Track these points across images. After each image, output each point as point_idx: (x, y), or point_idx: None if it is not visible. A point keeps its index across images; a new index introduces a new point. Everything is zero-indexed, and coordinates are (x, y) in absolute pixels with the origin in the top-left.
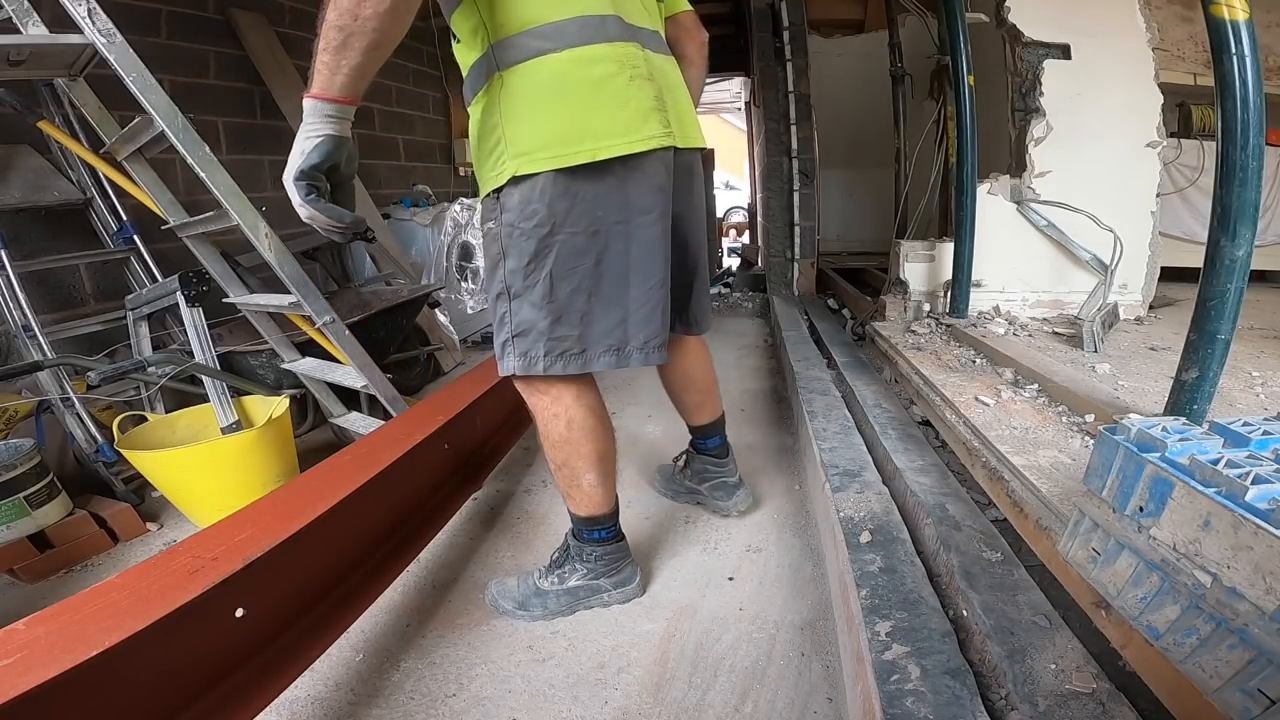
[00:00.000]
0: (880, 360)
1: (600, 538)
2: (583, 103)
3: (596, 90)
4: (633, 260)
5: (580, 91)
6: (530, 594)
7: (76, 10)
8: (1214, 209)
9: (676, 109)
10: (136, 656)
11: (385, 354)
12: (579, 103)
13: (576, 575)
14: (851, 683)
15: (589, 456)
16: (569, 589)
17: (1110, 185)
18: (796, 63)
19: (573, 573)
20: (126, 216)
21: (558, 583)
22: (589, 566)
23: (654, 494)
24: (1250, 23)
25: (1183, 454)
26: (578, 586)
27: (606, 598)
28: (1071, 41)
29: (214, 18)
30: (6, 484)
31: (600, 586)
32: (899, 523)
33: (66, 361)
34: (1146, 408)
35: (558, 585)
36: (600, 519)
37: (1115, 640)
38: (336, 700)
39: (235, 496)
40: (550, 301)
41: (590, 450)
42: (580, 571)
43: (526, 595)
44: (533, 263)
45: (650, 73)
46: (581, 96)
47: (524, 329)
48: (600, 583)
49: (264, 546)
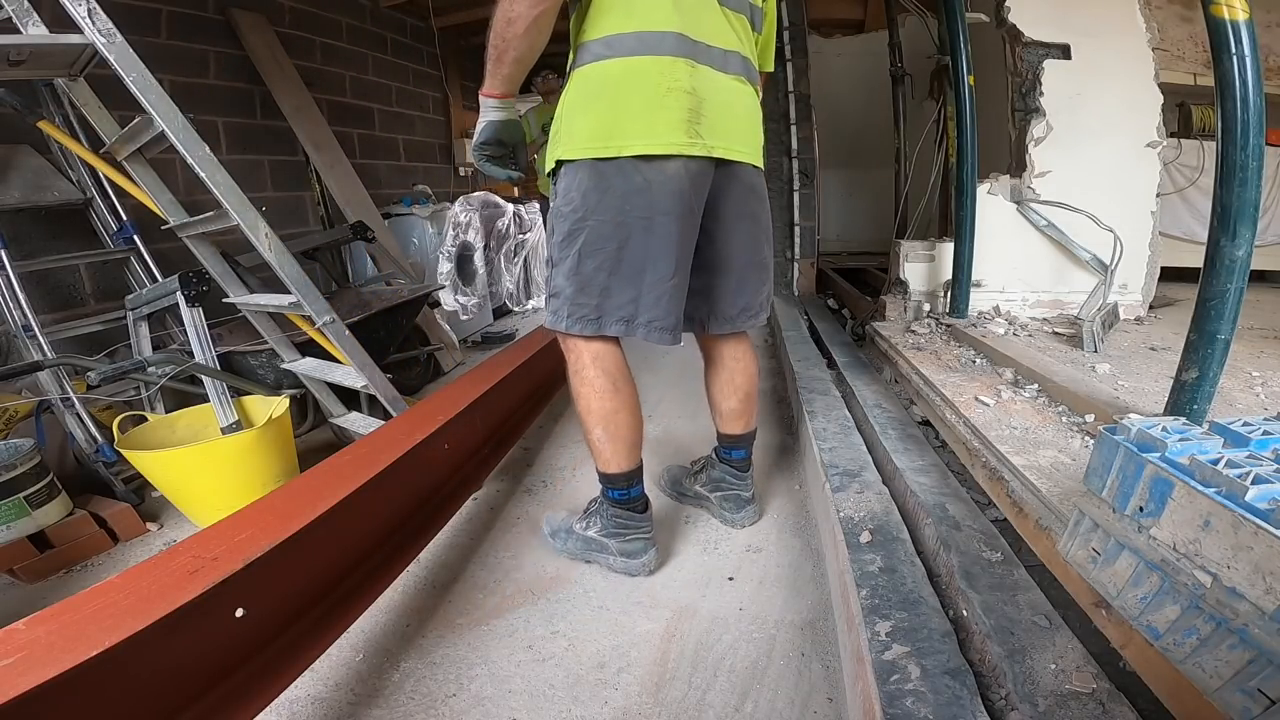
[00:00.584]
0: (880, 360)
1: (612, 497)
2: (620, 106)
3: (633, 96)
4: (650, 252)
5: (619, 96)
6: (564, 529)
7: (76, 10)
8: (1214, 209)
9: (716, 124)
10: (136, 656)
11: (385, 354)
12: (617, 105)
13: (594, 528)
14: (851, 683)
15: (596, 412)
16: (585, 537)
17: (1110, 185)
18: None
19: (593, 524)
20: (126, 216)
21: (582, 528)
22: (603, 523)
23: (655, 498)
24: (1250, 23)
25: (1183, 454)
26: (591, 538)
27: (611, 560)
28: (1071, 41)
29: (214, 18)
30: (6, 484)
31: (607, 546)
32: (899, 523)
33: (66, 361)
34: (1146, 408)
35: (580, 530)
36: (610, 478)
37: (1115, 640)
38: (336, 700)
39: (235, 496)
40: (577, 274)
41: (597, 407)
42: (596, 525)
43: (561, 529)
44: (567, 240)
45: (693, 87)
46: (619, 100)
47: (556, 292)
48: (608, 543)
49: (264, 546)
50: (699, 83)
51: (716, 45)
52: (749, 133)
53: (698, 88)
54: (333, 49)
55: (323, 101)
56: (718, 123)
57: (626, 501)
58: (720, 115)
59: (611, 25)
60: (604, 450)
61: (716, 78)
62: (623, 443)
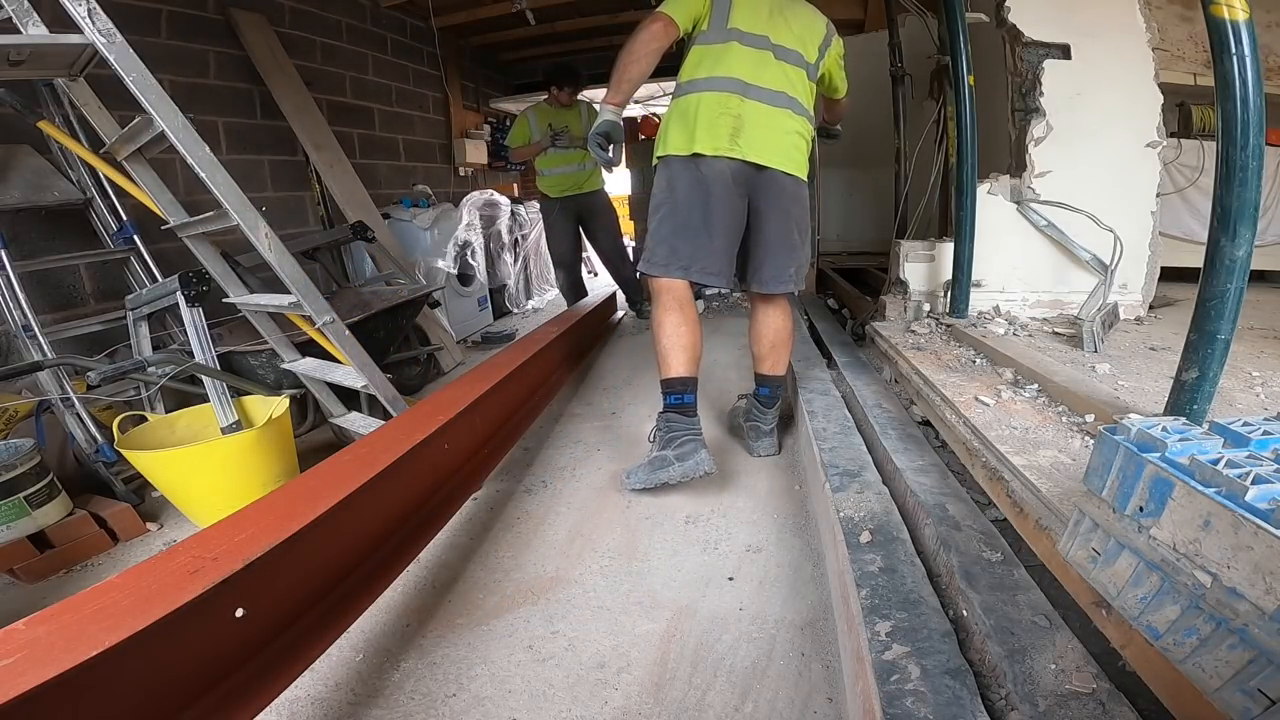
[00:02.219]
0: (880, 360)
1: (669, 402)
2: (692, 123)
3: (700, 117)
4: (702, 223)
5: (690, 117)
6: (633, 469)
7: (76, 10)
8: (1214, 209)
9: (755, 138)
10: (137, 656)
11: (385, 354)
12: (689, 123)
13: (655, 445)
14: (851, 683)
15: (663, 325)
16: (649, 461)
17: (1110, 185)
18: None
19: (655, 442)
20: (126, 216)
21: (646, 456)
22: (660, 432)
23: (654, 499)
24: (1250, 23)
25: (1183, 454)
26: (654, 459)
27: (672, 470)
28: (1071, 41)
29: (214, 18)
30: (6, 484)
31: (666, 458)
32: (899, 523)
33: (66, 361)
34: (1146, 408)
35: (645, 459)
36: (669, 382)
37: (1115, 640)
38: (336, 700)
39: (235, 496)
40: (656, 235)
41: (665, 320)
42: (657, 441)
43: (632, 470)
44: (653, 212)
45: (740, 113)
46: (690, 120)
47: (647, 245)
48: (667, 454)
49: (264, 546)
50: (745, 110)
51: (768, 87)
52: (782, 147)
53: (743, 114)
54: (333, 49)
55: (323, 101)
56: (755, 138)
57: (680, 406)
58: (758, 132)
59: (697, 73)
60: (667, 356)
61: (761, 108)
62: (682, 350)
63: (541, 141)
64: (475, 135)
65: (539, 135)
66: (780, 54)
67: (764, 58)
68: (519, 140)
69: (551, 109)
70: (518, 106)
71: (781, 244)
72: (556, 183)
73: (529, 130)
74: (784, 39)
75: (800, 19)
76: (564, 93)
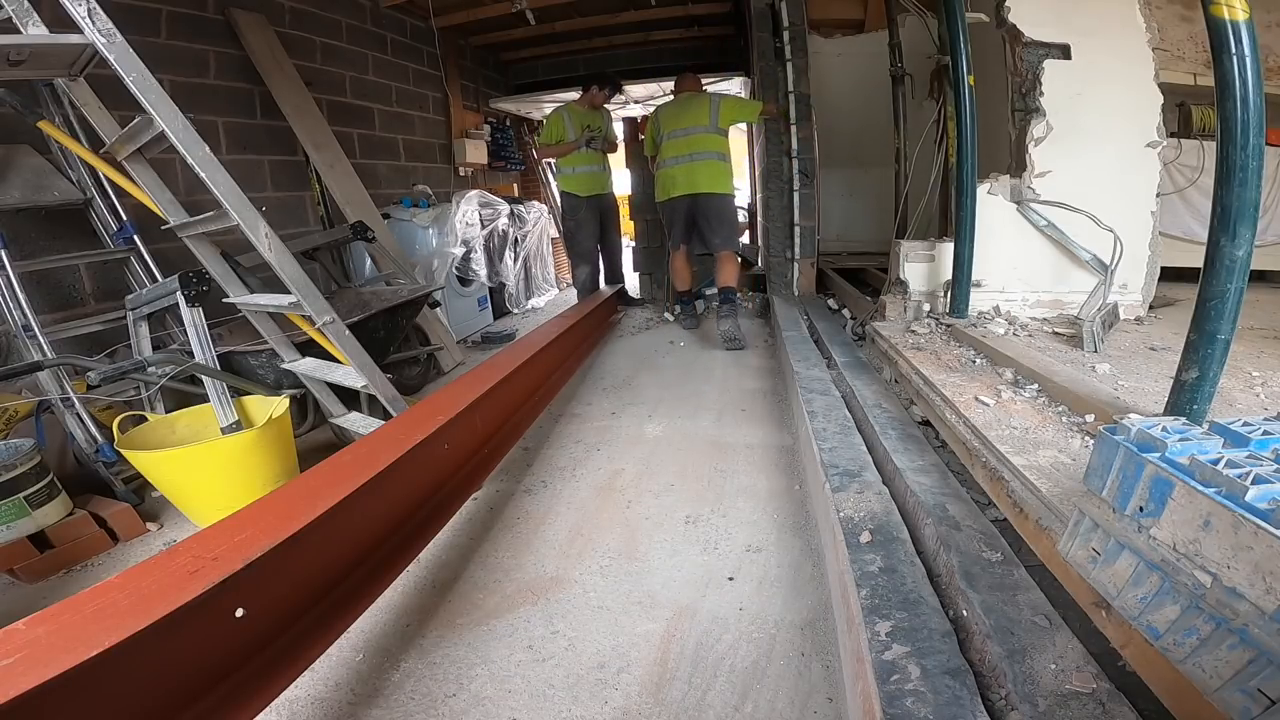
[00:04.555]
0: (880, 360)
1: (680, 304)
2: (664, 184)
3: (667, 180)
4: (676, 224)
5: (664, 181)
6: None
7: (76, 10)
8: (1214, 209)
9: (698, 181)
10: (137, 656)
11: (385, 354)
12: (664, 184)
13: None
14: (851, 683)
15: (674, 269)
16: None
17: (1110, 185)
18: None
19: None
20: (126, 216)
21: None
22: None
23: (654, 499)
24: (1250, 23)
25: (1183, 454)
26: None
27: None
28: (1071, 41)
29: (214, 18)
30: (6, 484)
31: (688, 324)
32: (899, 523)
33: (66, 361)
34: (1146, 408)
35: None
36: (680, 293)
37: (1115, 640)
38: (336, 700)
39: (235, 496)
40: (670, 234)
41: (677, 269)
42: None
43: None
44: (667, 226)
45: (690, 170)
46: (664, 182)
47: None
48: (687, 321)
49: (264, 546)
50: (691, 169)
51: (699, 150)
52: (713, 179)
53: (692, 172)
54: (333, 49)
55: (323, 101)
56: (698, 181)
57: (690, 305)
58: (698, 178)
59: (664, 156)
60: (677, 282)
61: (698, 164)
62: (683, 280)
63: (576, 141)
64: (475, 135)
65: (574, 135)
66: (695, 130)
67: (691, 137)
68: (554, 137)
69: (583, 110)
70: (518, 106)
71: (718, 227)
72: (585, 182)
73: (564, 128)
74: (692, 122)
75: (695, 107)
76: (602, 94)
